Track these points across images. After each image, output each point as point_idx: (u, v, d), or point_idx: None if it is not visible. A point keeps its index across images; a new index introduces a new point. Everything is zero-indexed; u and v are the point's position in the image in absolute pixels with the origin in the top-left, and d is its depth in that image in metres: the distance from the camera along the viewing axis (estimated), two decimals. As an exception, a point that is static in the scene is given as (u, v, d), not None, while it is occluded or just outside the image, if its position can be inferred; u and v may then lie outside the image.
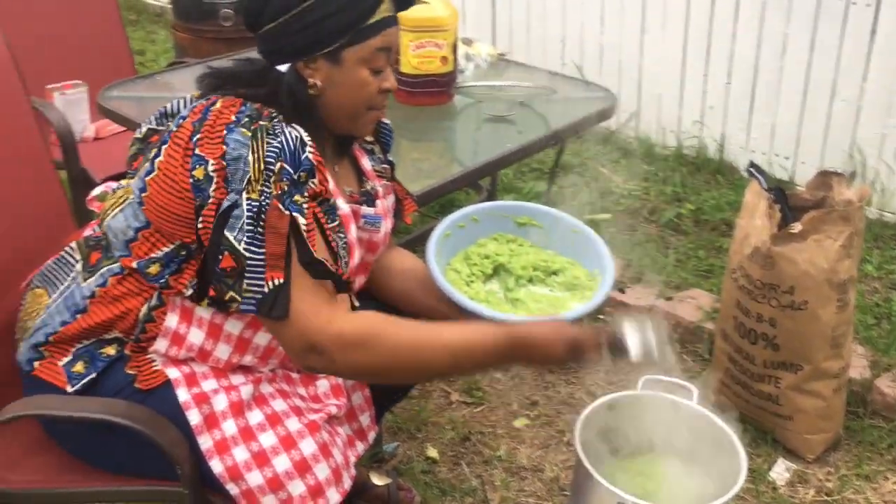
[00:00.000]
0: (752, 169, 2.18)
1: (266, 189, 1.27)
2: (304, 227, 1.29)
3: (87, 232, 1.51)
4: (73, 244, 1.50)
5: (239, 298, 1.29)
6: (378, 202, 1.56)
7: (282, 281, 1.28)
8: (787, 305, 2.06)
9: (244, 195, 1.27)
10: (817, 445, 2.20)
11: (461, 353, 1.35)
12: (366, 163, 1.59)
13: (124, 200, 1.42)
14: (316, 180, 1.32)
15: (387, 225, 1.58)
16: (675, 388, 1.66)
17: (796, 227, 2.00)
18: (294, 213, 1.28)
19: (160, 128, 1.42)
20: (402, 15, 2.48)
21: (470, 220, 1.69)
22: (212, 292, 1.32)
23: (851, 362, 2.28)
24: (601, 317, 2.77)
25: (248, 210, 1.27)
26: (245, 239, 1.27)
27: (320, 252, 1.32)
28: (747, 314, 2.15)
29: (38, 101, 2.56)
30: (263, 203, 1.27)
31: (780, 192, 2.10)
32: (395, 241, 1.82)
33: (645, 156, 3.79)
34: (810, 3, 3.18)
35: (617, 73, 3.84)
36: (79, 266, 1.47)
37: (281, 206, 1.27)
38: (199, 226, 1.31)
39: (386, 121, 1.67)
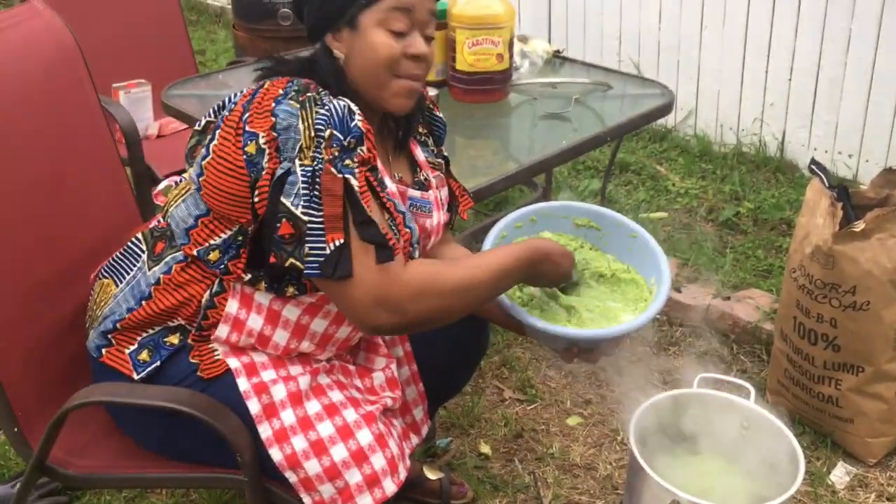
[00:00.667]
0: (813, 166, 2.13)
1: (318, 155, 1.29)
2: (357, 189, 1.31)
3: (153, 224, 1.56)
4: (139, 235, 1.55)
5: (301, 264, 1.30)
6: (430, 192, 1.57)
7: (342, 241, 1.29)
8: (848, 306, 2.02)
9: (297, 162, 1.29)
10: (879, 449, 2.15)
11: (502, 275, 1.43)
12: (419, 153, 1.61)
13: (186, 191, 1.46)
14: (365, 147, 1.34)
15: (439, 216, 1.59)
16: (731, 387, 1.64)
17: (859, 226, 1.96)
18: (347, 176, 1.30)
19: (217, 119, 1.45)
20: (460, 12, 2.52)
21: (528, 221, 1.68)
22: (272, 259, 1.32)
23: (916, 365, 2.22)
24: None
25: (303, 175, 1.29)
26: (302, 203, 1.28)
27: (374, 214, 1.33)
28: (807, 314, 2.11)
29: (105, 99, 2.65)
30: (317, 168, 1.29)
31: (843, 190, 2.06)
32: (451, 237, 1.83)
33: (703, 154, 3.74)
34: (876, -2, 3.11)
35: (675, 70, 3.80)
36: (144, 256, 1.52)
37: (334, 170, 1.29)
38: (256, 199, 1.33)
39: (439, 114, 1.68)
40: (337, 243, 1.29)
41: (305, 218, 1.28)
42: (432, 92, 2.46)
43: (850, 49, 3.24)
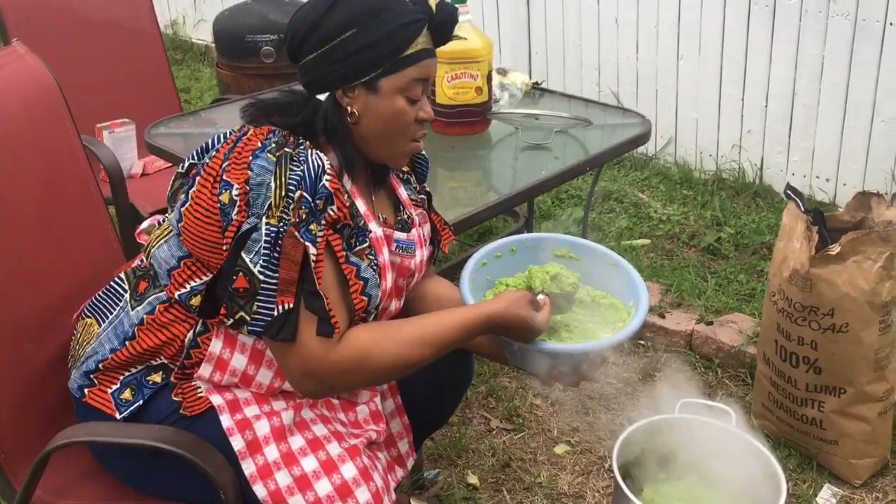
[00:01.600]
0: (789, 191, 2.17)
1: (285, 216, 1.32)
2: (312, 258, 1.33)
3: (135, 263, 1.57)
4: (122, 274, 1.56)
5: (248, 319, 1.34)
6: (413, 230, 1.59)
7: (291, 306, 1.33)
8: (827, 328, 2.04)
9: (264, 220, 1.32)
10: (864, 470, 2.16)
11: (443, 343, 1.42)
12: (402, 192, 1.63)
13: (168, 232, 1.48)
14: (334, 207, 1.37)
15: (422, 253, 1.61)
16: (713, 412, 1.66)
17: (835, 249, 1.99)
18: (307, 243, 1.33)
19: (199, 162, 1.47)
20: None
21: (507, 251, 1.70)
22: (223, 310, 1.36)
23: (898, 385, 2.24)
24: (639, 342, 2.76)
25: (267, 235, 1.32)
26: (261, 262, 1.32)
27: (325, 285, 1.36)
28: (788, 337, 2.13)
29: (87, 139, 2.67)
30: (281, 230, 1.32)
31: (818, 214, 2.09)
32: (433, 270, 1.85)
33: (683, 180, 3.79)
34: (847, 25, 3.17)
35: (654, 99, 3.86)
36: (127, 295, 1.53)
37: (297, 234, 1.32)
38: (224, 247, 1.36)
39: (422, 151, 1.70)
40: (286, 306, 1.32)
41: (261, 277, 1.32)
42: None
43: (823, 75, 3.31)
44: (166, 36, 6.23)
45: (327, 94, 1.43)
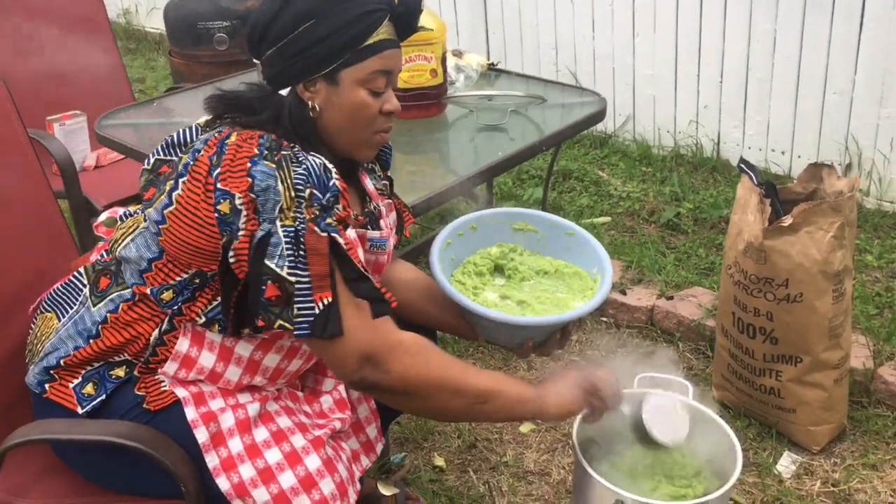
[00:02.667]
0: (742, 165, 2.19)
1: (299, 214, 1.29)
2: (344, 246, 1.31)
3: (95, 257, 1.54)
4: (81, 269, 1.53)
5: (290, 326, 1.29)
6: (381, 222, 1.58)
7: (331, 300, 1.29)
8: (782, 298, 2.08)
9: (278, 223, 1.28)
10: (822, 437, 2.20)
11: (498, 396, 1.41)
12: (368, 183, 1.61)
13: (135, 229, 1.44)
14: (341, 206, 1.34)
15: (390, 244, 1.61)
16: (671, 385, 1.68)
17: (787, 221, 2.01)
18: (332, 234, 1.30)
19: (168, 158, 1.43)
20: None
21: (468, 228, 1.72)
22: (260, 322, 1.32)
23: (853, 352, 2.29)
24: (604, 318, 2.79)
25: (286, 236, 1.28)
26: (287, 264, 1.28)
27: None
28: (745, 309, 2.17)
29: (36, 132, 2.62)
30: (300, 228, 1.28)
31: (770, 187, 2.12)
32: (396, 254, 1.84)
33: (642, 157, 3.81)
34: (797, -2, 3.21)
35: (611, 78, 3.87)
36: (86, 290, 1.50)
37: (317, 229, 1.29)
38: (232, 261, 1.31)
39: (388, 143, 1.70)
40: (325, 302, 1.29)
41: (292, 279, 1.28)
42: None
43: (776, 49, 3.34)
44: (119, 25, 6.13)
45: (288, 89, 1.40)
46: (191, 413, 1.41)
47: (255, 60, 1.45)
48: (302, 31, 1.35)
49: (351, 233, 1.43)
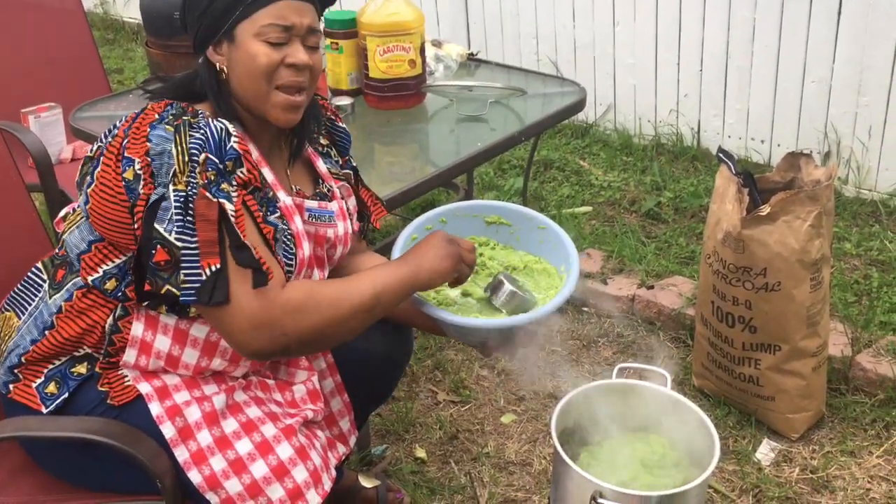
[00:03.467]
0: (721, 154, 2.19)
1: (192, 179, 1.30)
2: (231, 214, 1.31)
3: (54, 252, 1.53)
4: (39, 264, 1.52)
5: (176, 291, 1.30)
6: (334, 202, 1.57)
7: (218, 267, 1.30)
8: (760, 287, 2.08)
9: (171, 187, 1.30)
10: (800, 424, 2.22)
11: (380, 283, 1.42)
12: (321, 165, 1.61)
13: (80, 217, 1.44)
14: (244, 169, 1.35)
15: (346, 225, 1.60)
16: (649, 375, 1.68)
17: (765, 210, 2.02)
18: (221, 200, 1.30)
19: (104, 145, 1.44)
20: (369, 20, 2.53)
21: (438, 222, 1.70)
22: (147, 286, 1.33)
23: (832, 340, 2.30)
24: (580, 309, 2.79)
25: (176, 201, 1.29)
26: (175, 229, 1.29)
27: (249, 238, 1.34)
28: (723, 298, 2.17)
29: (9, 124, 2.59)
30: (190, 193, 1.30)
31: (748, 176, 2.12)
32: (368, 246, 1.83)
33: (623, 147, 3.81)
34: (776, -14, 3.21)
35: (592, 67, 3.87)
36: (46, 285, 1.49)
37: (208, 194, 1.30)
38: (135, 226, 1.33)
39: (342, 124, 1.69)
40: (213, 269, 1.30)
41: (179, 244, 1.29)
42: (344, 101, 2.47)
43: (755, 38, 3.34)
44: (96, 15, 6.06)
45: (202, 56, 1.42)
46: (155, 408, 1.40)
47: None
48: None
49: (286, 199, 1.45)
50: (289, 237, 1.43)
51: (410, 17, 2.44)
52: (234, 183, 1.33)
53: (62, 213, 1.55)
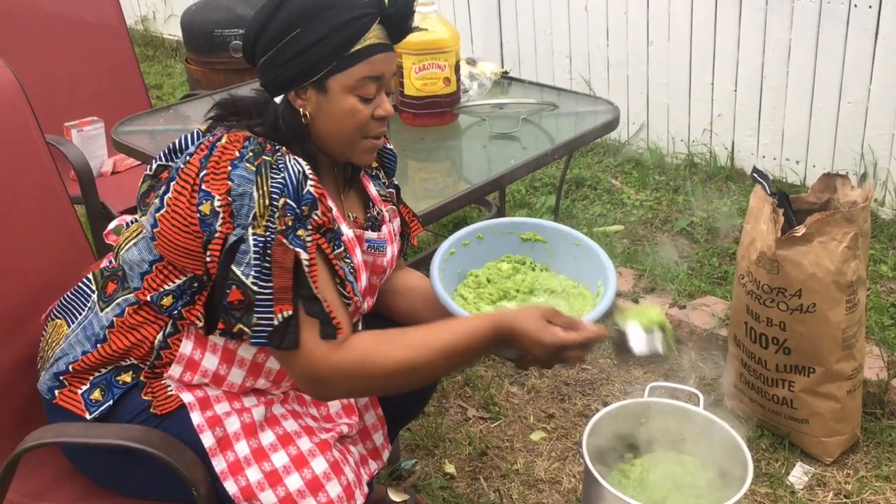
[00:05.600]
0: (755, 174, 2.19)
1: (271, 225, 1.31)
2: (305, 263, 1.33)
3: (104, 263, 1.56)
4: (90, 275, 1.55)
5: (248, 331, 1.33)
6: (384, 227, 1.59)
7: (290, 313, 1.32)
8: (795, 309, 2.07)
9: (250, 230, 1.31)
10: (834, 448, 2.19)
11: (453, 354, 1.38)
12: (372, 189, 1.62)
13: (138, 234, 1.47)
14: (319, 212, 1.36)
15: (393, 249, 1.61)
16: (682, 395, 1.68)
17: (800, 231, 2.01)
18: (297, 249, 1.32)
19: (170, 164, 1.45)
20: (405, 39, 2.55)
21: (474, 238, 1.71)
22: (221, 325, 1.36)
23: (867, 363, 2.28)
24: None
25: (255, 245, 1.31)
26: (253, 273, 1.31)
27: (321, 287, 1.35)
28: (757, 319, 2.16)
29: (54, 137, 2.64)
30: (269, 239, 1.31)
31: (783, 196, 2.12)
32: (404, 262, 1.85)
33: (656, 166, 3.81)
34: (813, 7, 3.20)
35: (625, 86, 3.87)
36: (95, 296, 1.52)
37: (286, 241, 1.31)
38: (207, 259, 1.34)
39: (389, 145, 1.70)
40: (285, 314, 1.32)
41: (255, 288, 1.31)
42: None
43: (790, 58, 3.33)
44: (137, 32, 6.18)
45: (282, 96, 1.41)
46: (196, 418, 1.42)
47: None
48: (290, 39, 1.35)
49: (349, 232, 1.46)
50: (351, 270, 1.44)
51: (446, 35, 2.46)
52: (310, 227, 1.35)
53: (112, 226, 1.58)
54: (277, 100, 1.41)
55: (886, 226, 3.20)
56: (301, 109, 1.40)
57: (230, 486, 1.39)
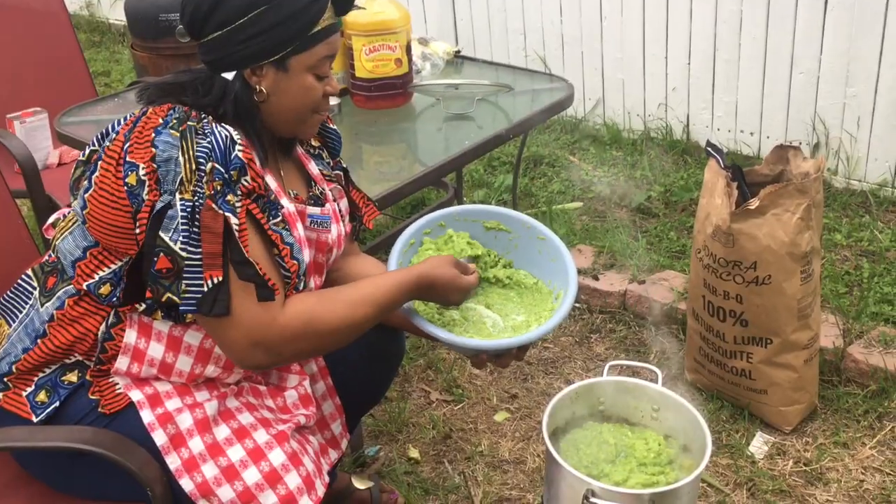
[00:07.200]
0: (709, 148, 2.19)
1: (199, 189, 1.30)
2: (235, 227, 1.31)
3: (44, 259, 1.52)
4: (30, 271, 1.51)
5: (177, 299, 1.30)
6: (327, 205, 1.57)
7: (220, 279, 1.30)
8: (751, 281, 2.08)
9: (177, 196, 1.29)
10: (793, 417, 2.22)
11: (382, 302, 1.45)
12: (313, 167, 1.60)
13: (73, 223, 1.43)
14: (248, 177, 1.35)
15: (339, 228, 1.59)
16: (640, 371, 1.68)
17: (753, 203, 2.02)
18: (227, 213, 1.30)
19: (100, 148, 1.41)
20: (354, 20, 2.52)
21: (437, 226, 1.67)
22: (148, 294, 1.33)
23: (823, 332, 2.31)
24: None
25: (183, 210, 1.29)
26: (181, 239, 1.29)
27: (253, 252, 1.34)
28: (714, 292, 2.17)
29: (-5, 131, 2.57)
30: (197, 203, 1.29)
31: (737, 170, 2.12)
32: (361, 248, 1.83)
33: (613, 141, 3.81)
34: (763, -22, 3.21)
35: (580, 62, 3.86)
36: (36, 292, 1.47)
37: (214, 206, 1.30)
38: (137, 231, 1.32)
39: (333, 126, 1.68)
40: (215, 280, 1.30)
41: (184, 254, 1.29)
42: (331, 101, 2.45)
43: (742, 30, 3.34)
44: (82, 17, 6.02)
45: (234, 73, 1.39)
46: (147, 416, 1.40)
47: (181, 40, 1.44)
48: (252, 17, 1.35)
49: (290, 206, 1.45)
50: (291, 242, 1.42)
51: (396, 15, 2.43)
52: (239, 193, 1.33)
53: (51, 220, 1.54)
54: (228, 76, 1.39)
55: (839, 194, 3.24)
56: (257, 86, 1.40)
57: (186, 484, 1.37)
